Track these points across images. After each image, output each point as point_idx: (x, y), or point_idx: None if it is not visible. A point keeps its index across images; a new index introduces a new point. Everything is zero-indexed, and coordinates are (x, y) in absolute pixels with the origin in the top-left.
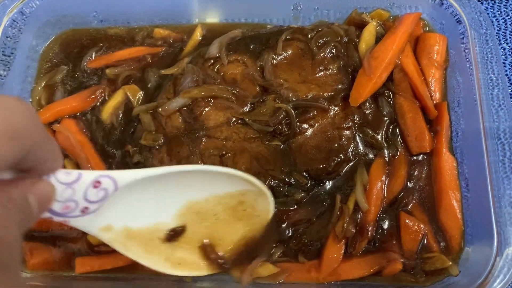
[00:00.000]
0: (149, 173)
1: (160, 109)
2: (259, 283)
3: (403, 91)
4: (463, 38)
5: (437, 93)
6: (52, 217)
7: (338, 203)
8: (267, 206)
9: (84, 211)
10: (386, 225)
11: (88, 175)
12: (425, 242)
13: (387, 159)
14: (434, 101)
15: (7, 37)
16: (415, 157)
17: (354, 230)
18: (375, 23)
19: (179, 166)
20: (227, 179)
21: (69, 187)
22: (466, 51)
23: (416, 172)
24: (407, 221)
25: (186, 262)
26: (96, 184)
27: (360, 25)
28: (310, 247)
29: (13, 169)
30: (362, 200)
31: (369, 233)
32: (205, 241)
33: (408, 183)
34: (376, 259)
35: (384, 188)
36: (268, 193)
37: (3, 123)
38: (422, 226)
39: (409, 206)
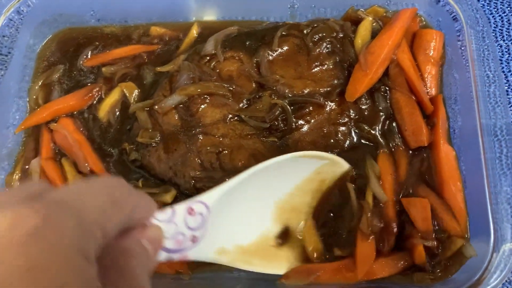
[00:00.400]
0: (229, 184)
1: (156, 107)
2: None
3: (399, 86)
4: (459, 35)
5: (433, 89)
6: (171, 256)
7: (353, 196)
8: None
9: (194, 240)
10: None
11: (180, 206)
12: (440, 224)
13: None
14: (430, 97)
15: (4, 36)
16: (413, 152)
17: (381, 225)
18: (371, 19)
19: (251, 169)
20: (295, 165)
21: (170, 222)
22: (463, 48)
23: (416, 166)
24: (409, 203)
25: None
26: (190, 211)
27: (356, 22)
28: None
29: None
30: (381, 192)
31: (394, 225)
32: None
33: (409, 176)
34: (402, 253)
35: (395, 177)
36: (338, 158)
37: (107, 197)
38: (425, 200)
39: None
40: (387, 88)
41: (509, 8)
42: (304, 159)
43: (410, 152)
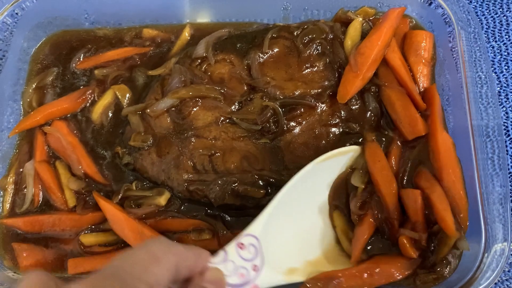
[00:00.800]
0: (269, 208)
1: (148, 110)
2: None
3: (389, 83)
4: (451, 37)
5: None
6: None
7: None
8: None
9: (255, 269)
10: None
11: (230, 246)
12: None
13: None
14: (424, 88)
15: None
16: (410, 143)
17: (376, 212)
18: (360, 19)
19: (284, 188)
20: (323, 169)
21: (226, 261)
22: (455, 49)
23: (414, 156)
24: (404, 193)
25: None
26: (240, 246)
27: (347, 23)
28: None
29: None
30: (357, 179)
31: (394, 213)
32: None
33: (406, 168)
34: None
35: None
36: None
37: (147, 255)
38: (417, 191)
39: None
40: (376, 88)
41: (501, 10)
42: (328, 162)
43: (408, 144)
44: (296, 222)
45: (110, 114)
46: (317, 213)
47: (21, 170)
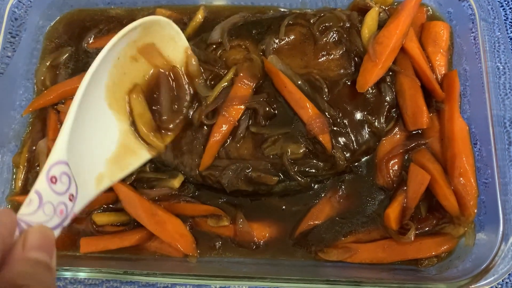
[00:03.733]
0: (68, 123)
1: None
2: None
3: (405, 69)
4: (471, 26)
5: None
6: (63, 225)
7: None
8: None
9: (72, 198)
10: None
11: (40, 184)
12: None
13: None
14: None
15: (13, 18)
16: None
17: None
18: (377, 9)
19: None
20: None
21: (43, 205)
22: (474, 39)
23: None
24: (413, 170)
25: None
26: (52, 179)
27: (364, 11)
28: None
29: None
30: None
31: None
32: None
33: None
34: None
35: None
36: (148, 19)
37: None
38: (427, 176)
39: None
40: (393, 75)
41: None
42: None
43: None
44: (92, 124)
45: None
46: (102, 103)
47: (34, 148)
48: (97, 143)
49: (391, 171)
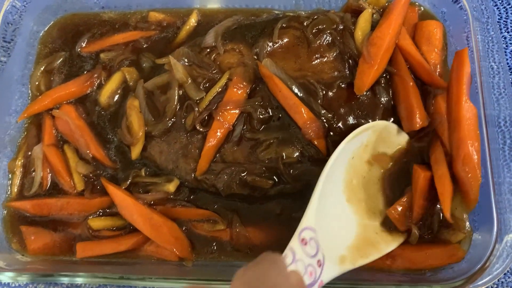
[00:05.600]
0: (315, 196)
1: None
2: None
3: (400, 69)
4: (464, 26)
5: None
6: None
7: None
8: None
9: (319, 264)
10: None
11: (293, 243)
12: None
13: None
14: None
15: (7, 23)
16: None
17: None
18: (370, 10)
19: (323, 173)
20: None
21: (296, 262)
22: (468, 39)
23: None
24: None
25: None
26: (302, 241)
27: (357, 12)
28: None
29: None
30: None
31: None
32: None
33: None
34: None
35: None
36: (380, 123)
37: None
38: (427, 175)
39: None
40: (388, 76)
41: None
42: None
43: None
44: (335, 205)
45: (117, 97)
46: (341, 195)
47: (29, 153)
48: (337, 227)
49: None
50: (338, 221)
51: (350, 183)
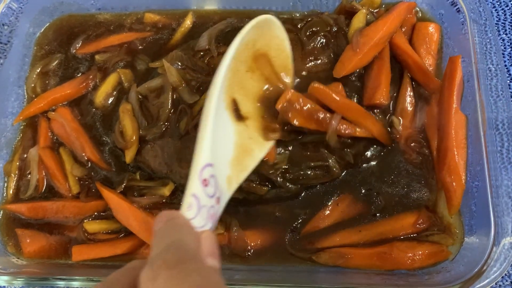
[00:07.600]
0: (209, 121)
1: None
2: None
3: (382, 54)
4: (462, 28)
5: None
6: (213, 228)
7: None
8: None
9: (218, 201)
10: None
11: (196, 187)
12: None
13: None
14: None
15: (3, 24)
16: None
17: None
18: (364, 11)
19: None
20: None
21: (201, 209)
22: (465, 41)
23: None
24: None
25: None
26: (204, 182)
27: (351, 14)
28: None
29: None
30: None
31: None
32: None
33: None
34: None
35: None
36: (260, 18)
37: None
38: None
39: None
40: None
41: None
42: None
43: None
44: (224, 126)
45: (113, 99)
46: (222, 103)
47: (25, 156)
48: (222, 144)
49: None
50: (221, 135)
51: (228, 86)
